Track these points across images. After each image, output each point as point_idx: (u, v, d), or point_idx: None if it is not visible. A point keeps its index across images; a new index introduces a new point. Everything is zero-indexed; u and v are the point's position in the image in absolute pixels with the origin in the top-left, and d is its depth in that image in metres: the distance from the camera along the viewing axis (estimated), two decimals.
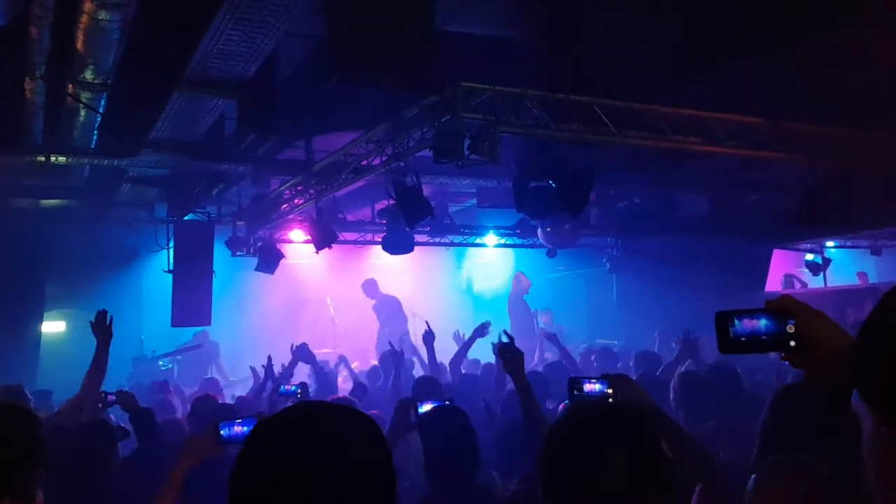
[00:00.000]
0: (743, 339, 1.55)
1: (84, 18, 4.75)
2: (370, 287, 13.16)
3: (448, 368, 7.66)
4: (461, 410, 3.85)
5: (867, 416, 1.09)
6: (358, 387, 7.05)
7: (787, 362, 1.59)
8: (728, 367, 4.72)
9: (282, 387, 5.73)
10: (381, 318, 12.78)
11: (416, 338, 9.98)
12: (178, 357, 11.53)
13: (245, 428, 2.79)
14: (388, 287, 13.37)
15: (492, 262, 15.09)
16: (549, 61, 6.26)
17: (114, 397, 4.91)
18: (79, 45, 5.15)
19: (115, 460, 4.34)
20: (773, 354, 1.90)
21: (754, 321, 1.55)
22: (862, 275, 13.76)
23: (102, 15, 4.67)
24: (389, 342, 7.79)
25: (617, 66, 6.15)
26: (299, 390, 5.47)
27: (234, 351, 12.04)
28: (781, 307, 1.54)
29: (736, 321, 1.56)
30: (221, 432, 2.83)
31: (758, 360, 6.75)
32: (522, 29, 6.38)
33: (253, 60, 5.42)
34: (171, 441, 4.77)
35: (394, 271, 13.74)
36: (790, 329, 1.52)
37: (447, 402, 3.87)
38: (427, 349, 7.43)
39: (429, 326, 7.43)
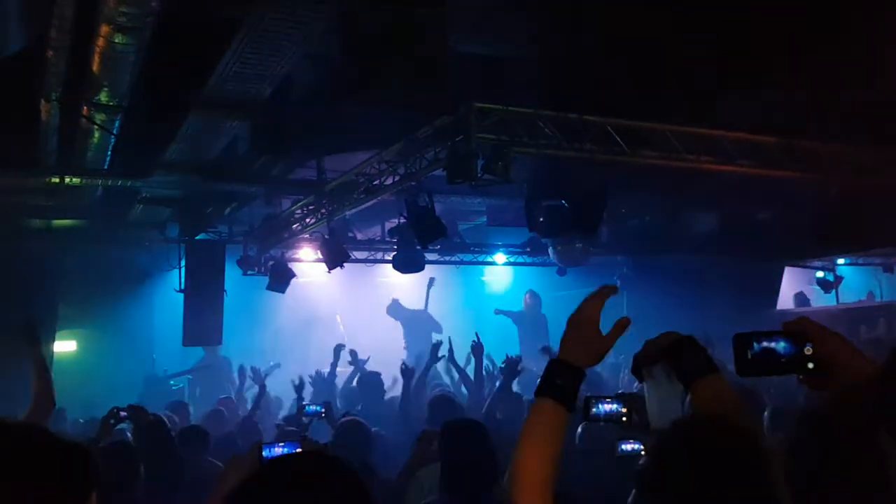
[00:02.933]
0: (761, 361, 1.56)
1: (100, 42, 4.79)
2: (393, 308, 13.22)
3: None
4: (482, 424, 3.86)
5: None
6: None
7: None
8: (747, 387, 4.63)
9: (307, 406, 5.72)
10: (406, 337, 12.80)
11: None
12: (189, 376, 11.52)
13: (287, 450, 2.79)
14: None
15: (502, 279, 15.07)
16: (561, 82, 6.28)
17: (125, 413, 4.89)
18: (94, 68, 5.19)
19: (138, 482, 4.31)
20: None
21: (772, 343, 1.56)
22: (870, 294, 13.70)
23: (118, 38, 4.71)
24: (403, 361, 7.78)
25: (629, 85, 6.17)
26: (323, 410, 5.46)
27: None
28: (799, 330, 1.53)
29: (754, 343, 1.57)
30: (264, 454, 2.83)
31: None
32: (535, 50, 6.40)
33: (269, 83, 5.45)
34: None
35: (403, 289, 13.75)
36: (808, 351, 1.53)
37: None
38: (476, 361, 7.35)
39: (478, 338, 7.37)
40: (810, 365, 1.51)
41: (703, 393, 1.90)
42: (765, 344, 1.56)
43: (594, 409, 3.26)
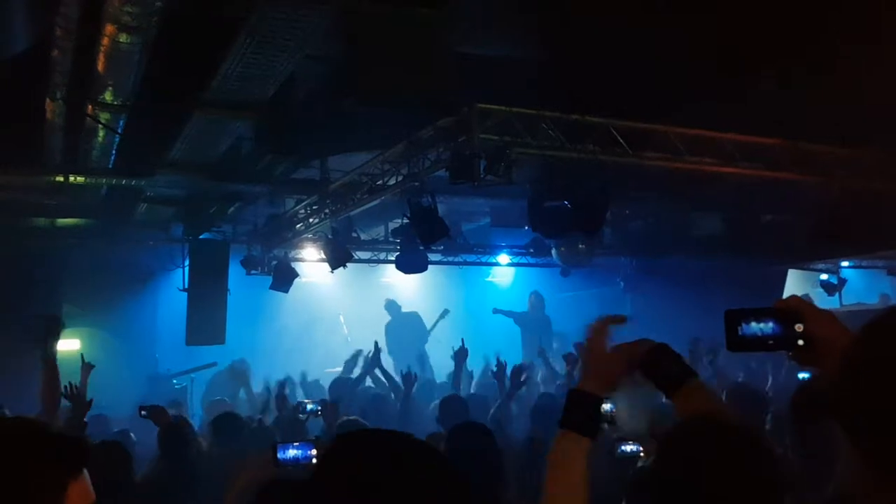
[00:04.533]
0: (751, 337, 1.57)
1: (105, 41, 4.83)
2: (388, 305, 13.27)
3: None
4: (488, 429, 3.85)
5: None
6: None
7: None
8: (751, 388, 4.60)
9: (305, 404, 5.77)
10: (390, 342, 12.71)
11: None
12: (192, 376, 11.51)
13: (301, 451, 2.78)
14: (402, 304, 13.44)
15: (505, 280, 15.06)
16: (564, 82, 6.28)
17: (146, 412, 4.93)
18: (99, 67, 5.23)
19: (131, 480, 4.32)
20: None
21: (763, 320, 1.57)
22: (884, 297, 13.60)
23: (123, 38, 4.74)
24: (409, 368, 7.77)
25: (632, 86, 6.17)
26: (319, 408, 5.49)
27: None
28: (790, 307, 1.55)
29: (745, 320, 1.57)
30: (278, 454, 2.83)
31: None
32: (537, 50, 6.41)
33: (272, 82, 5.46)
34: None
35: (406, 289, 13.76)
36: (798, 329, 1.53)
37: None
38: (456, 366, 7.43)
39: (463, 344, 7.43)
40: (800, 342, 1.52)
41: (687, 400, 1.92)
42: (755, 321, 1.57)
43: None
